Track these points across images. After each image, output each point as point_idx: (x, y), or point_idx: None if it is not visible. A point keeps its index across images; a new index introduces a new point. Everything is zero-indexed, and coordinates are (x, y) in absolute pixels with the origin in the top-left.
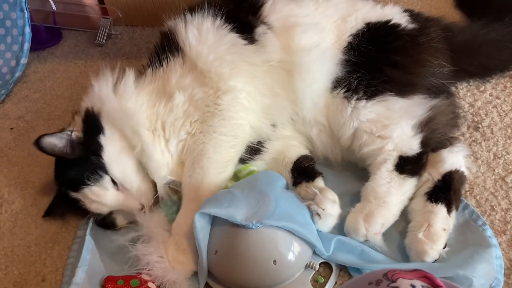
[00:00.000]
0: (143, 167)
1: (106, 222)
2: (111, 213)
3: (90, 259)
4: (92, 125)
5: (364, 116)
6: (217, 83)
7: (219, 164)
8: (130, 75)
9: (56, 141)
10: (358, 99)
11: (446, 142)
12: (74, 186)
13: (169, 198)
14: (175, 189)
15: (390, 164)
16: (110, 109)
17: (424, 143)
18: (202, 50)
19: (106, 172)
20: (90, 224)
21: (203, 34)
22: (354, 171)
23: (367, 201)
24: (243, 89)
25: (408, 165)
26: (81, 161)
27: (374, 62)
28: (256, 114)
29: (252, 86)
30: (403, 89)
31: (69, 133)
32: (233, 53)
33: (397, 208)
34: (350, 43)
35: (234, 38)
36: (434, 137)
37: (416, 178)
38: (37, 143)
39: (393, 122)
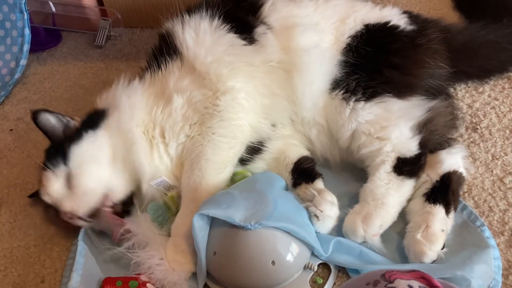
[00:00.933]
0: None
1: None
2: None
3: (84, 263)
4: (93, 119)
5: (363, 117)
6: (216, 84)
7: (218, 165)
8: (138, 88)
9: (53, 119)
10: (357, 100)
11: (444, 143)
12: (43, 166)
13: (155, 202)
14: (164, 192)
15: (388, 166)
16: (117, 119)
17: (422, 145)
18: (199, 51)
19: (65, 163)
20: (83, 230)
21: (200, 35)
22: (353, 172)
23: (365, 203)
24: (242, 89)
25: (406, 167)
26: (59, 144)
27: (373, 63)
28: (256, 114)
29: (252, 86)
30: (402, 91)
31: (69, 119)
32: (232, 54)
33: (395, 209)
34: (348, 44)
35: (232, 39)
36: (433, 138)
37: (414, 180)
38: (35, 113)
39: (391, 124)
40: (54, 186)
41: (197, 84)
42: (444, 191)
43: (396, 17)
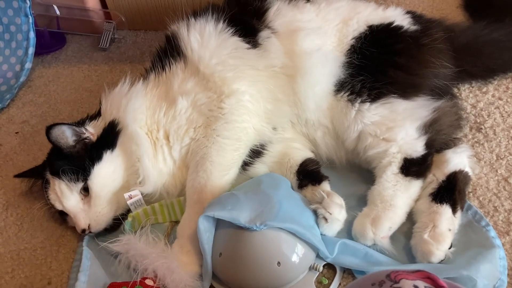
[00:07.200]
0: (117, 199)
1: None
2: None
3: (90, 265)
4: (109, 139)
5: (369, 119)
6: (220, 87)
7: (222, 167)
8: (139, 91)
9: (68, 132)
10: (362, 102)
11: (450, 143)
12: (52, 169)
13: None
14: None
15: (395, 167)
16: (127, 133)
17: (428, 145)
18: (204, 54)
19: (85, 180)
20: (86, 237)
21: (205, 38)
22: (359, 173)
23: (374, 205)
24: (247, 91)
25: (413, 167)
26: (74, 157)
27: (377, 64)
28: (259, 117)
29: (255, 90)
30: (407, 91)
31: (85, 133)
32: (236, 57)
33: (403, 211)
34: (352, 46)
35: (236, 42)
36: (439, 138)
37: (422, 180)
38: (49, 128)
39: (397, 125)
40: (71, 200)
41: (201, 86)
42: (451, 191)
43: (399, 18)
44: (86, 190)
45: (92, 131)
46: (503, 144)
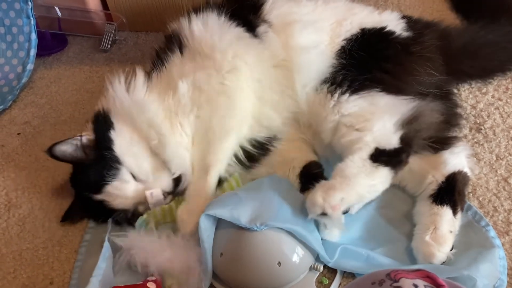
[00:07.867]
0: (158, 157)
1: (130, 217)
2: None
3: (105, 268)
4: (102, 122)
5: (346, 109)
6: (220, 62)
7: (220, 132)
8: (140, 73)
9: (67, 148)
10: (342, 93)
11: (446, 143)
12: (95, 188)
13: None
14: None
15: (365, 153)
16: (121, 105)
17: (404, 141)
18: (205, 34)
19: (121, 164)
20: (109, 229)
21: (208, 25)
22: None
23: (333, 179)
24: (247, 65)
25: (383, 157)
26: (96, 161)
27: (364, 65)
28: (264, 103)
29: (257, 67)
30: (391, 89)
31: (79, 137)
32: (239, 38)
33: (363, 190)
34: (343, 47)
35: (240, 32)
36: (416, 138)
37: (390, 169)
38: (50, 152)
39: (375, 117)
40: (130, 188)
41: (199, 66)
42: (450, 192)
43: (393, 23)
44: (131, 174)
45: (84, 133)
46: (503, 144)
